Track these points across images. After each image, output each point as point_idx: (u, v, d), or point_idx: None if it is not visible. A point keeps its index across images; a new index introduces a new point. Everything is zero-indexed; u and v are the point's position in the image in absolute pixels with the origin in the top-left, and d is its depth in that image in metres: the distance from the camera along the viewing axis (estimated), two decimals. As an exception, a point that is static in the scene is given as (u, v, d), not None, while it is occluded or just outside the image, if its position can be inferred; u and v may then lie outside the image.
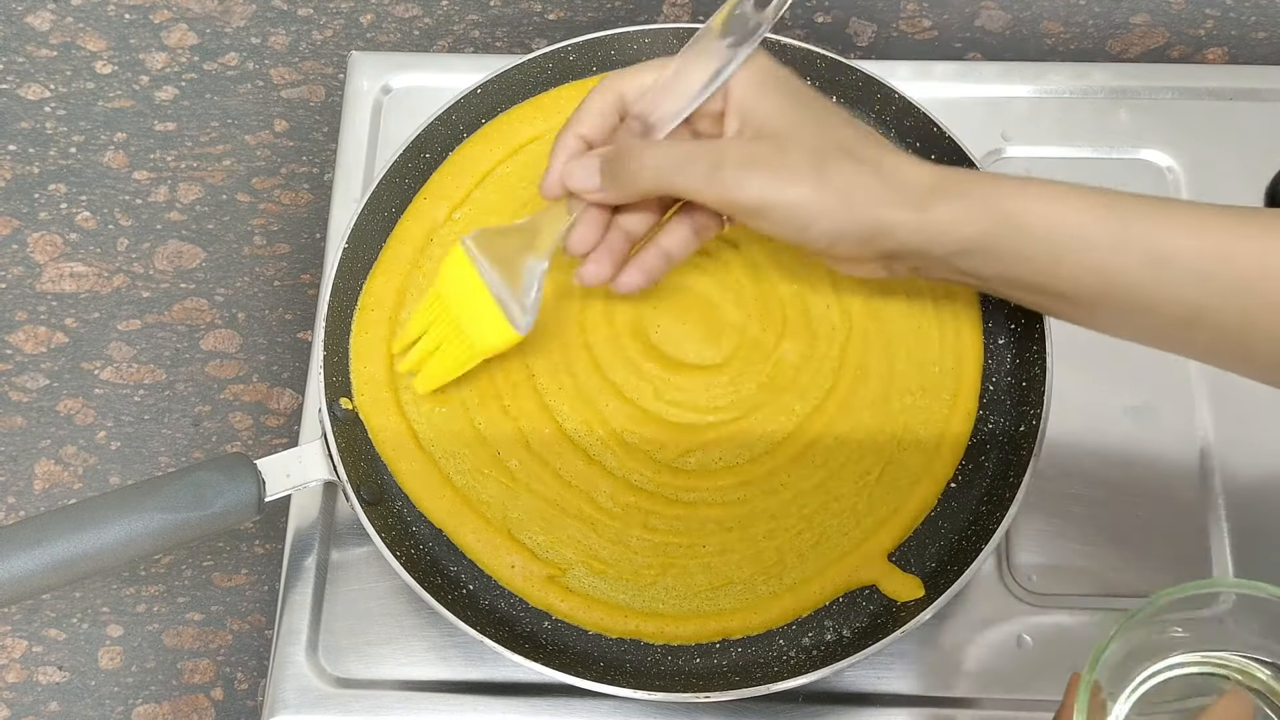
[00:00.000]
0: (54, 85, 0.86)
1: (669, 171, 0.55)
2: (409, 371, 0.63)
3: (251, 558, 0.73)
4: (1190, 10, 0.86)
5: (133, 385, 0.77)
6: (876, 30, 0.87)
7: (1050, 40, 0.86)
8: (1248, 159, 0.73)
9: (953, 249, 0.54)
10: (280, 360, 0.78)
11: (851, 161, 0.54)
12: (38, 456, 0.75)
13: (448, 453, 0.62)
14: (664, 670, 0.59)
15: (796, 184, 0.53)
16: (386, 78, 0.77)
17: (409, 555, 0.60)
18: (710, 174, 0.54)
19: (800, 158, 0.54)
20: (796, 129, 0.54)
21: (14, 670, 0.70)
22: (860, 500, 0.61)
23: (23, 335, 0.78)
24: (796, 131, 0.54)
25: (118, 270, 0.80)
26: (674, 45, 0.70)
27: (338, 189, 0.74)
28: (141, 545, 0.56)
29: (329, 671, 0.62)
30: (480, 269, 0.58)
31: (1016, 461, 0.61)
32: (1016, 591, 0.63)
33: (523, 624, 0.60)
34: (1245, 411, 0.67)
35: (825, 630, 0.59)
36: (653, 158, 0.55)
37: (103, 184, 0.83)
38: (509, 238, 0.59)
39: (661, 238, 0.59)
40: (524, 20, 0.87)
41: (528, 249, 0.58)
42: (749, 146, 0.55)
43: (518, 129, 0.69)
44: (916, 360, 0.63)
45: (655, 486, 0.61)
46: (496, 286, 0.58)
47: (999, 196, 0.53)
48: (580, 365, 0.64)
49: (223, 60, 0.87)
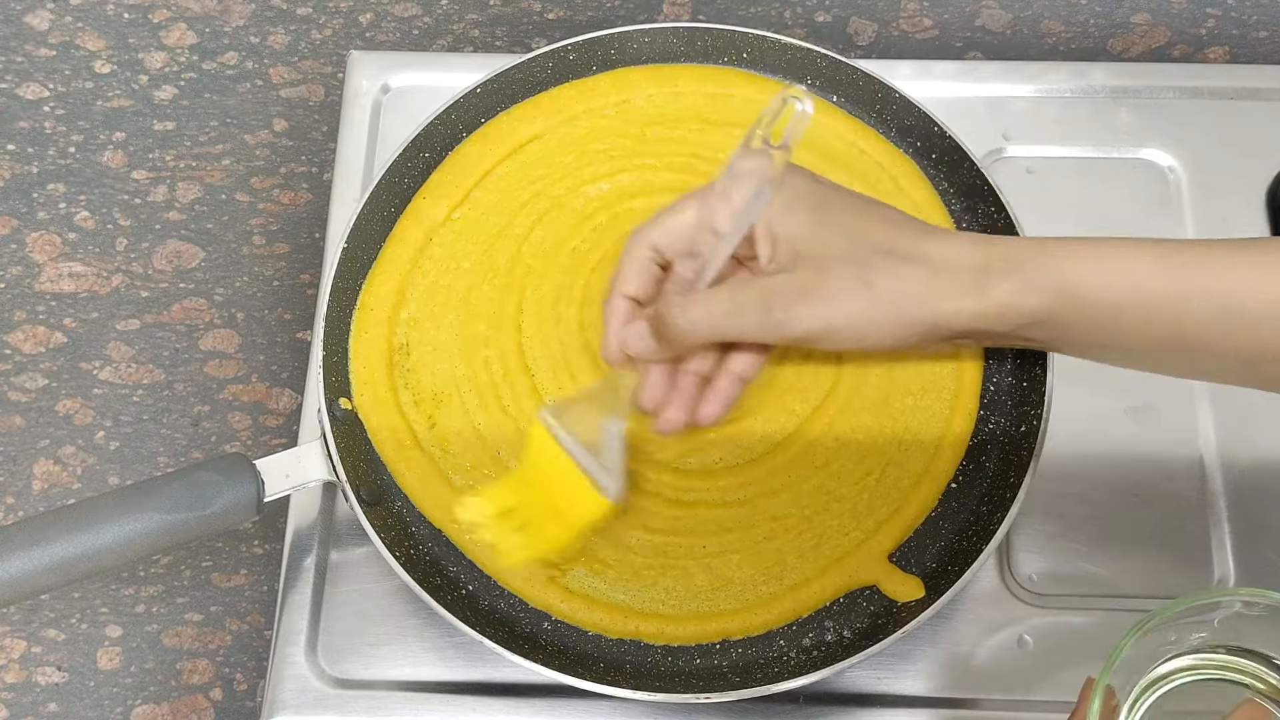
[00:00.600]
0: (53, 85, 0.86)
1: (720, 324, 0.54)
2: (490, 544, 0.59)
3: (250, 558, 0.73)
4: (1191, 9, 0.86)
5: (131, 385, 0.77)
6: (877, 29, 0.87)
7: (1051, 39, 0.86)
8: (1249, 158, 0.73)
9: (1014, 325, 0.53)
10: (279, 360, 0.78)
11: (895, 263, 0.53)
12: (36, 456, 0.75)
13: (447, 453, 0.62)
14: (664, 671, 0.59)
15: (847, 305, 0.52)
16: (386, 77, 0.77)
17: (409, 555, 0.60)
18: (761, 318, 0.53)
19: (843, 275, 0.53)
20: (830, 242, 0.53)
21: (13, 670, 0.70)
22: (861, 501, 0.61)
23: (21, 335, 0.78)
24: (831, 245, 0.53)
25: (117, 270, 0.80)
26: (674, 44, 0.71)
27: (337, 188, 0.74)
28: (140, 545, 0.56)
29: (328, 672, 0.62)
30: (563, 442, 0.57)
31: (1017, 462, 0.60)
32: (1017, 592, 0.63)
33: (522, 624, 0.60)
34: (1246, 412, 0.67)
35: (826, 631, 0.59)
36: (700, 314, 0.54)
37: (101, 184, 0.83)
38: (584, 405, 0.58)
39: (731, 364, 0.58)
40: (524, 20, 0.87)
41: (603, 413, 0.57)
42: (791, 280, 0.53)
43: (517, 129, 0.69)
44: (917, 360, 0.63)
45: (655, 486, 0.61)
46: (581, 456, 0.57)
47: (1053, 269, 0.52)
48: (580, 365, 0.63)
49: (222, 60, 0.87)
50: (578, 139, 0.69)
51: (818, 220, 0.54)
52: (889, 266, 0.53)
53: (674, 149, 0.69)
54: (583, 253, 0.66)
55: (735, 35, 0.70)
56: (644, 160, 0.68)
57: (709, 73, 0.71)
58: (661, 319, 0.55)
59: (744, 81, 0.70)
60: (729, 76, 0.71)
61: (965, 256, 0.53)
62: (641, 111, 0.70)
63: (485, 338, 0.64)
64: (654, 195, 0.67)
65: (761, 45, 0.70)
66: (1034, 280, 0.52)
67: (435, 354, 0.64)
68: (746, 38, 0.70)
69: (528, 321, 0.65)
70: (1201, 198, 0.73)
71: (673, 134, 0.69)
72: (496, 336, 0.64)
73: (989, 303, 0.52)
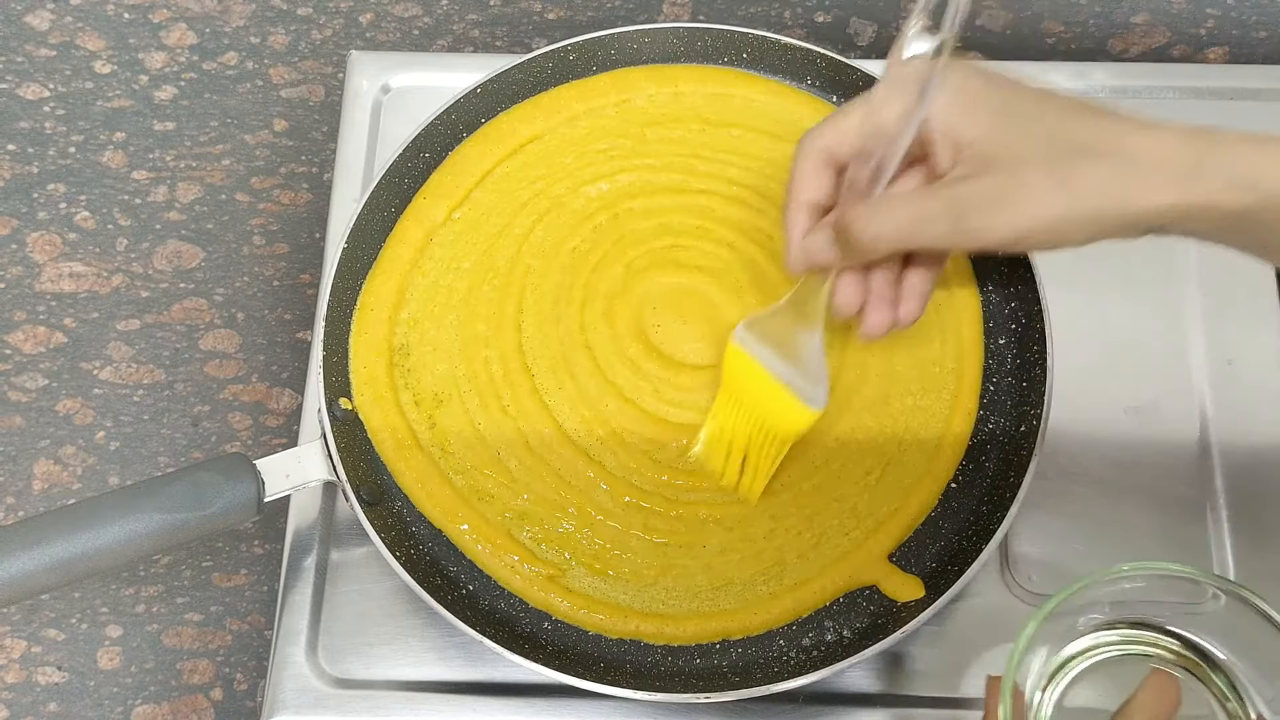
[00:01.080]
0: (53, 85, 0.86)
1: (909, 232, 0.52)
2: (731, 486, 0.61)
3: (251, 558, 0.73)
4: (1191, 10, 0.86)
5: (132, 385, 0.77)
6: (877, 30, 0.87)
7: (1051, 40, 0.86)
8: (1248, 159, 0.73)
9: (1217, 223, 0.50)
10: (280, 360, 0.78)
11: (1093, 160, 0.50)
12: (37, 456, 0.75)
13: (447, 453, 0.62)
14: (664, 670, 0.59)
15: (1043, 210, 0.50)
16: (386, 77, 0.77)
17: (409, 555, 0.60)
18: (954, 225, 0.51)
19: (1039, 178, 0.50)
20: (1020, 144, 0.51)
21: (13, 670, 0.70)
22: (861, 500, 0.61)
23: (22, 335, 0.78)
24: (1021, 147, 0.51)
25: (117, 270, 0.80)
26: (674, 44, 0.71)
27: (337, 189, 0.74)
28: (141, 546, 0.56)
29: (328, 672, 0.62)
30: (761, 359, 0.57)
31: (1017, 462, 0.61)
32: (1017, 591, 0.63)
33: (522, 624, 0.60)
34: (1246, 411, 0.67)
35: (826, 630, 0.59)
36: (887, 222, 0.52)
37: (102, 184, 0.83)
38: (777, 319, 0.58)
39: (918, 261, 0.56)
40: (524, 20, 0.87)
41: (798, 324, 0.57)
42: (982, 185, 0.51)
43: (517, 129, 0.69)
44: (917, 360, 0.63)
45: (655, 486, 0.61)
46: (781, 370, 0.57)
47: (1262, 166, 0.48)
48: (580, 365, 0.64)
49: (222, 60, 0.87)
50: (578, 139, 0.69)
51: (1003, 122, 0.51)
52: (1087, 165, 0.50)
53: (674, 149, 0.69)
54: (583, 253, 0.66)
55: (735, 35, 0.70)
56: (644, 160, 0.68)
57: (709, 73, 0.71)
58: (846, 229, 0.53)
59: (744, 81, 0.70)
60: (729, 76, 0.71)
61: (1171, 150, 0.49)
62: (641, 111, 0.70)
63: (485, 338, 0.64)
64: (654, 195, 0.67)
65: (761, 45, 0.70)
66: (1241, 177, 0.49)
67: (435, 354, 0.64)
68: (746, 38, 0.70)
69: (528, 321, 0.65)
70: (1201, 198, 0.73)
71: (673, 134, 0.69)
72: (496, 336, 0.64)
73: (1193, 198, 0.49)
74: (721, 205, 0.67)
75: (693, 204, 0.67)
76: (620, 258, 0.66)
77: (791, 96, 0.70)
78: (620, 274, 0.66)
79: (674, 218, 0.67)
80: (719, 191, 0.68)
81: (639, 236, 0.67)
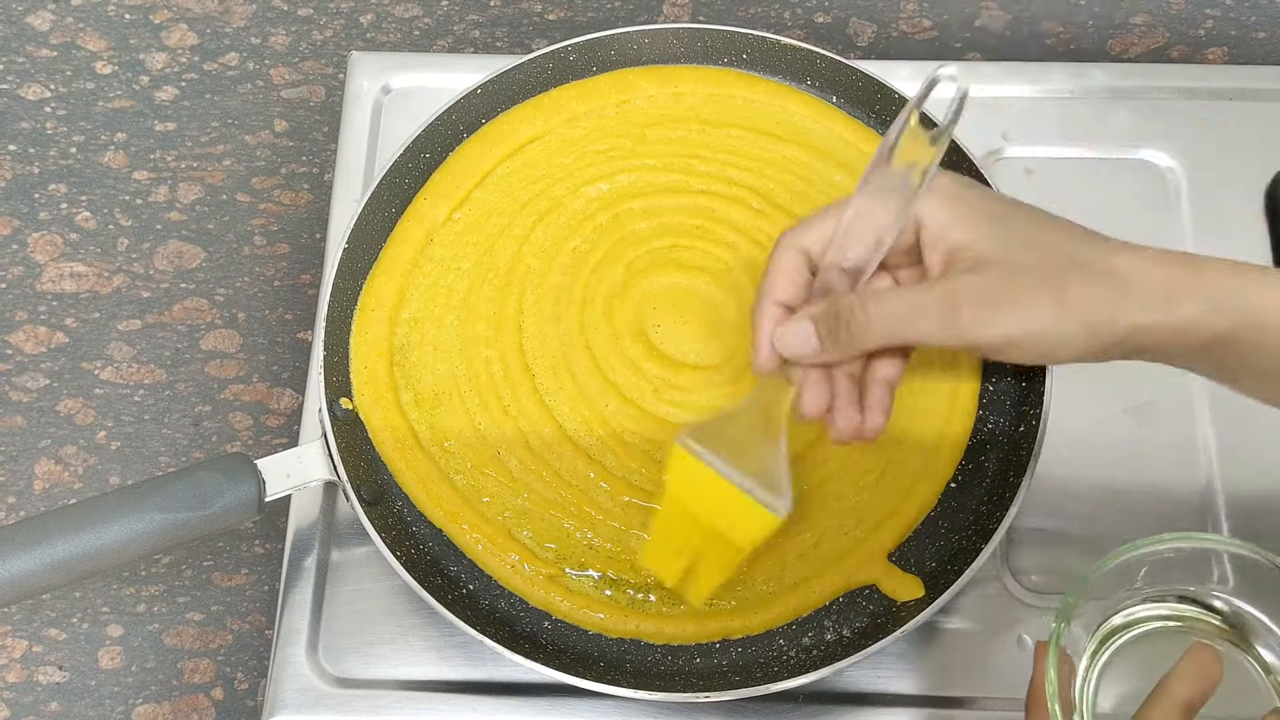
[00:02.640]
0: (54, 85, 0.86)
1: (901, 324, 0.52)
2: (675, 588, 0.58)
3: (251, 557, 0.73)
4: (1190, 10, 0.86)
5: (133, 385, 0.77)
6: (876, 30, 0.87)
7: (1050, 40, 0.86)
8: (1248, 159, 0.73)
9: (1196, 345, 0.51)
10: (280, 360, 0.78)
11: (1086, 275, 0.51)
12: (38, 456, 0.75)
13: (448, 453, 0.62)
14: (664, 670, 0.59)
15: (1038, 315, 0.50)
16: (386, 78, 0.77)
17: (409, 555, 0.60)
18: (947, 320, 0.51)
19: (1034, 284, 0.50)
20: (1016, 251, 0.51)
21: (14, 670, 0.70)
22: (860, 500, 0.61)
23: (23, 335, 0.79)
24: (1018, 254, 0.51)
25: (118, 270, 0.80)
26: (674, 45, 0.71)
27: (338, 189, 0.74)
28: (141, 545, 0.56)
29: (329, 671, 0.62)
30: (715, 467, 0.53)
31: (1016, 462, 0.61)
32: (1016, 591, 0.63)
33: (523, 624, 0.60)
34: (1245, 412, 0.67)
35: (825, 630, 0.59)
36: (880, 313, 0.51)
37: (103, 184, 0.83)
38: (733, 426, 0.54)
39: (878, 371, 0.55)
40: (524, 20, 0.87)
41: (758, 432, 0.54)
42: (979, 283, 0.51)
43: (518, 129, 0.69)
44: (916, 360, 0.63)
45: (655, 486, 0.61)
46: (738, 478, 0.53)
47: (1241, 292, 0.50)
48: (580, 365, 0.64)
49: (223, 60, 0.87)
50: (578, 139, 0.69)
51: (1000, 230, 0.52)
52: (1081, 278, 0.51)
53: (674, 149, 0.69)
54: (583, 253, 0.66)
55: (735, 36, 0.70)
56: (644, 160, 0.69)
57: (709, 73, 0.71)
58: (835, 317, 0.52)
59: (744, 82, 0.71)
60: (729, 77, 0.71)
61: (1154, 271, 0.51)
62: (641, 112, 0.70)
63: (485, 338, 0.65)
64: (654, 195, 0.68)
65: (761, 46, 0.70)
66: (1221, 301, 0.50)
67: (436, 354, 0.64)
68: (746, 39, 0.70)
69: (528, 321, 0.65)
70: (1200, 198, 0.73)
71: (673, 134, 0.69)
72: (497, 336, 0.64)
73: (1175, 320, 0.50)
74: (721, 205, 0.67)
75: (693, 204, 0.67)
76: (620, 258, 0.66)
77: (791, 97, 0.70)
78: (620, 274, 0.66)
79: (674, 218, 0.67)
80: (719, 192, 0.68)
81: (639, 237, 0.67)
